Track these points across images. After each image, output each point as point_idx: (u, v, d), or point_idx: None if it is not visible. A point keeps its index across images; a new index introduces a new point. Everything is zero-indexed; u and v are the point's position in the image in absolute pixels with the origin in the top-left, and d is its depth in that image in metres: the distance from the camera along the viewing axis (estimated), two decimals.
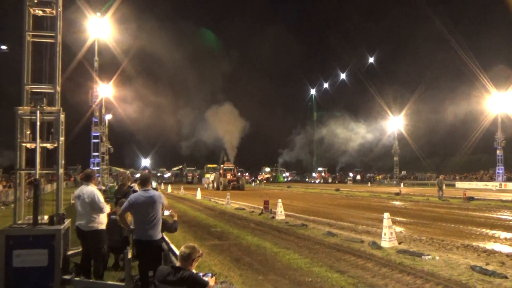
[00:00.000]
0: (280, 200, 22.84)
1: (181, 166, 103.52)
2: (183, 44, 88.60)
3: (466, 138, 78.71)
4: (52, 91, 9.54)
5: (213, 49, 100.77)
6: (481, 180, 67.75)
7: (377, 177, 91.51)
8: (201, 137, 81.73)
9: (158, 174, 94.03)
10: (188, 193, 47.52)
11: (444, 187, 34.74)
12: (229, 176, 58.94)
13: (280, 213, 22.18)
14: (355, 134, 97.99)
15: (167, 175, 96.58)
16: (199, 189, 43.42)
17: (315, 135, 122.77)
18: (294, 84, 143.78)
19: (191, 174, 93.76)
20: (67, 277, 9.08)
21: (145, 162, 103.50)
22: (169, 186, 58.78)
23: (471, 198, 33.83)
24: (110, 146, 51.30)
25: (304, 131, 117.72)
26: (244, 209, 27.26)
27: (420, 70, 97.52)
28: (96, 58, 47.62)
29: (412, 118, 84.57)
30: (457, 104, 78.48)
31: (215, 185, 59.18)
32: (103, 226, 9.43)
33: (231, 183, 57.54)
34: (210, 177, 67.84)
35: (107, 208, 9.48)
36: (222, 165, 62.63)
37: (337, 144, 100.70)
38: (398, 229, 17.95)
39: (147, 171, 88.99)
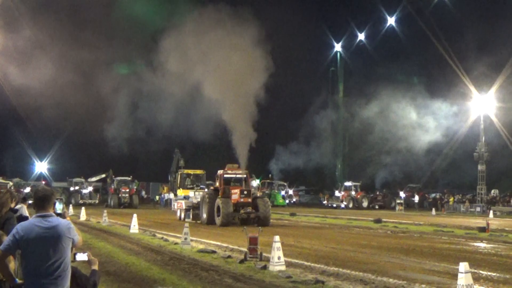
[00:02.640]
0: (277, 238, 17.70)
1: (103, 175, 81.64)
2: None
3: None
4: None
5: None
6: None
7: (449, 199, 73.42)
8: (156, 120, 68.72)
9: (72, 189, 76.24)
10: (116, 222, 39.36)
11: None
12: (237, 195, 37.53)
13: (278, 260, 17.13)
14: (411, 126, 77.99)
15: (87, 190, 76.19)
16: (135, 216, 33.15)
17: (340, 125, 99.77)
18: (305, 33, 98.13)
19: (126, 189, 69.25)
20: None
21: (42, 167, 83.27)
22: (83, 210, 45.79)
23: None
24: None
25: (321, 117, 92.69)
26: (214, 251, 21.85)
27: None
28: None
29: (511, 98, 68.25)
30: None
31: (204, 215, 38.97)
32: None
33: (245, 210, 37.21)
34: (193, 197, 45.21)
35: None
36: (220, 172, 39.93)
37: (379, 141, 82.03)
38: None
39: (44, 182, 75.12)
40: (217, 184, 40.25)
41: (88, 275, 7.03)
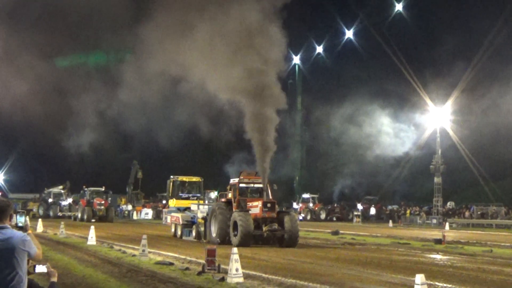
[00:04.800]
0: (235, 250, 17.39)
1: (61, 187, 76.73)
2: None
3: None
4: None
5: None
6: None
7: (406, 211, 74.61)
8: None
9: (51, 200, 71.56)
10: (74, 234, 38.43)
11: None
12: (258, 208, 31.18)
13: (236, 272, 16.81)
14: (368, 139, 78.39)
15: (67, 201, 70.81)
16: (92, 228, 32.32)
17: (298, 137, 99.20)
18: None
19: (101, 201, 63.43)
20: None
21: None
22: (39, 221, 44.34)
23: None
24: None
25: (279, 129, 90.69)
26: (172, 263, 21.26)
27: (484, 29, 78.09)
28: None
29: (467, 111, 69.81)
30: None
31: (213, 233, 32.06)
32: None
33: (270, 227, 30.58)
34: (195, 210, 36.74)
35: None
36: (235, 181, 33.65)
37: (337, 154, 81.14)
38: None
39: (0, 193, 72.63)
40: (229, 195, 33.77)
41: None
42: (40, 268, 6.98)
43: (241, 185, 33.31)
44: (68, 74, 62.63)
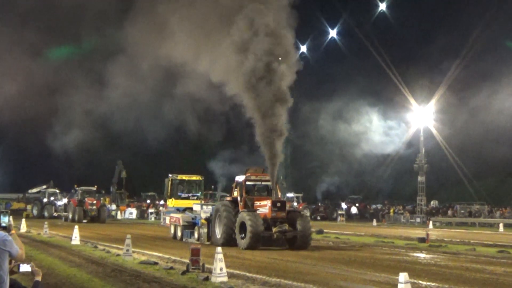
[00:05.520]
0: (219, 249, 17.51)
1: (44, 186, 76.47)
2: None
3: None
4: None
5: None
6: None
7: (390, 210, 74.72)
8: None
9: (46, 200, 68.92)
10: (58, 233, 38.04)
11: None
12: (267, 208, 29.04)
13: (220, 271, 16.86)
14: (352, 138, 78.26)
15: (62, 201, 66.93)
16: (76, 227, 32.12)
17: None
18: None
19: (92, 201, 60.18)
20: None
21: None
22: (23, 221, 43.40)
23: None
24: None
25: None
26: (156, 263, 21.25)
27: (468, 29, 78.54)
28: None
29: (451, 111, 70.26)
30: None
31: (218, 234, 30.47)
32: None
33: (280, 228, 28.31)
34: (198, 210, 35.11)
35: None
36: (241, 178, 31.08)
37: (321, 153, 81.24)
38: None
39: None
40: (235, 193, 31.50)
41: (30, 287, 6.90)
42: (25, 268, 6.98)
43: (247, 182, 31.16)
44: (53, 71, 61.22)
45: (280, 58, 32.48)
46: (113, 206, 72.10)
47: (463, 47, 72.27)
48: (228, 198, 32.70)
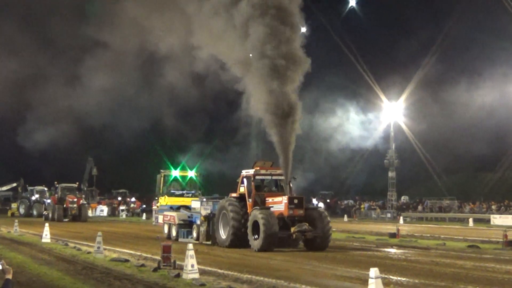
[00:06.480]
0: (191, 246, 17.46)
1: (14, 184, 76.72)
2: None
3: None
4: None
5: None
6: None
7: (361, 206, 75.02)
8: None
9: (34, 198, 66.74)
10: (28, 231, 37.77)
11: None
12: (283, 205, 26.13)
13: (192, 268, 16.81)
14: (323, 134, 75.40)
15: (50, 200, 65.18)
16: (47, 225, 31.77)
17: (254, 131, 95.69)
18: None
19: (73, 198, 57.14)
20: None
21: None
22: None
23: None
24: None
25: (238, 124, 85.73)
26: (128, 260, 21.12)
27: (439, 22, 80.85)
28: None
29: (420, 108, 70.14)
30: (498, 86, 66.63)
31: (223, 235, 27.65)
32: None
33: (299, 228, 25.46)
34: (197, 208, 31.73)
35: None
36: (249, 172, 28.12)
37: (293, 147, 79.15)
38: None
39: None
40: (242, 189, 28.22)
41: (1, 285, 6.83)
42: None
43: (257, 177, 28.39)
44: (22, 64, 59.05)
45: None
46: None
47: (434, 43, 72.90)
48: (234, 194, 28.79)
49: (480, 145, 73.17)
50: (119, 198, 79.32)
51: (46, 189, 66.67)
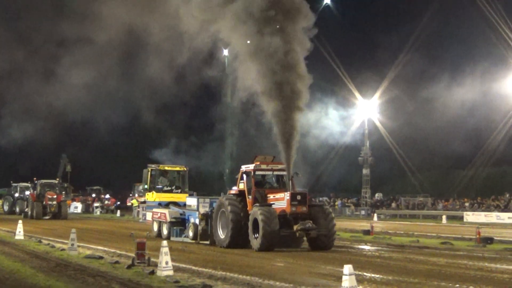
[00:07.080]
0: (165, 243, 17.55)
1: None
2: None
3: (485, 141, 69.11)
4: None
5: None
6: (505, 209, 58.51)
7: (335, 203, 74.62)
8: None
9: (17, 195, 65.10)
10: (1, 228, 37.23)
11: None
12: (285, 202, 24.78)
13: (166, 265, 16.87)
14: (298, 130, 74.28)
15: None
16: (20, 222, 31.24)
17: (228, 129, 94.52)
18: None
19: (53, 195, 55.70)
20: None
21: None
22: None
23: (488, 240, 28.46)
24: None
25: (214, 121, 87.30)
26: (102, 257, 21.09)
27: (415, 19, 78.59)
28: None
29: (395, 105, 69.95)
30: (474, 84, 66.56)
31: (221, 234, 26.12)
32: None
33: (303, 225, 24.04)
34: (193, 205, 29.91)
35: None
36: (248, 167, 26.86)
37: (268, 145, 79.27)
38: None
39: None
40: (241, 185, 27.07)
41: None
42: None
43: (257, 172, 26.93)
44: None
45: None
46: None
47: (408, 40, 72.73)
48: (233, 191, 28.07)
49: (454, 142, 73.58)
50: (93, 195, 78.60)
51: (30, 185, 63.81)
